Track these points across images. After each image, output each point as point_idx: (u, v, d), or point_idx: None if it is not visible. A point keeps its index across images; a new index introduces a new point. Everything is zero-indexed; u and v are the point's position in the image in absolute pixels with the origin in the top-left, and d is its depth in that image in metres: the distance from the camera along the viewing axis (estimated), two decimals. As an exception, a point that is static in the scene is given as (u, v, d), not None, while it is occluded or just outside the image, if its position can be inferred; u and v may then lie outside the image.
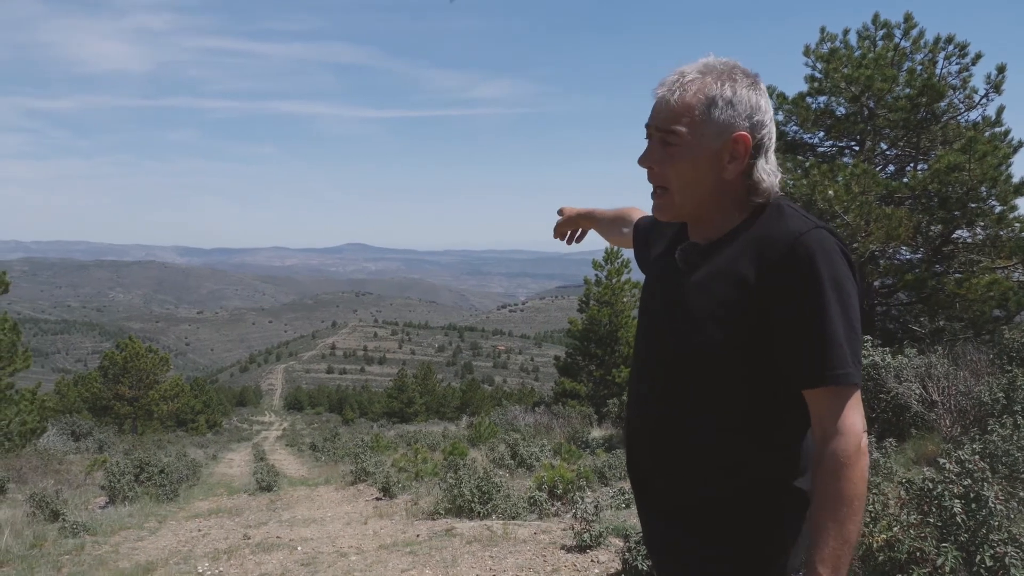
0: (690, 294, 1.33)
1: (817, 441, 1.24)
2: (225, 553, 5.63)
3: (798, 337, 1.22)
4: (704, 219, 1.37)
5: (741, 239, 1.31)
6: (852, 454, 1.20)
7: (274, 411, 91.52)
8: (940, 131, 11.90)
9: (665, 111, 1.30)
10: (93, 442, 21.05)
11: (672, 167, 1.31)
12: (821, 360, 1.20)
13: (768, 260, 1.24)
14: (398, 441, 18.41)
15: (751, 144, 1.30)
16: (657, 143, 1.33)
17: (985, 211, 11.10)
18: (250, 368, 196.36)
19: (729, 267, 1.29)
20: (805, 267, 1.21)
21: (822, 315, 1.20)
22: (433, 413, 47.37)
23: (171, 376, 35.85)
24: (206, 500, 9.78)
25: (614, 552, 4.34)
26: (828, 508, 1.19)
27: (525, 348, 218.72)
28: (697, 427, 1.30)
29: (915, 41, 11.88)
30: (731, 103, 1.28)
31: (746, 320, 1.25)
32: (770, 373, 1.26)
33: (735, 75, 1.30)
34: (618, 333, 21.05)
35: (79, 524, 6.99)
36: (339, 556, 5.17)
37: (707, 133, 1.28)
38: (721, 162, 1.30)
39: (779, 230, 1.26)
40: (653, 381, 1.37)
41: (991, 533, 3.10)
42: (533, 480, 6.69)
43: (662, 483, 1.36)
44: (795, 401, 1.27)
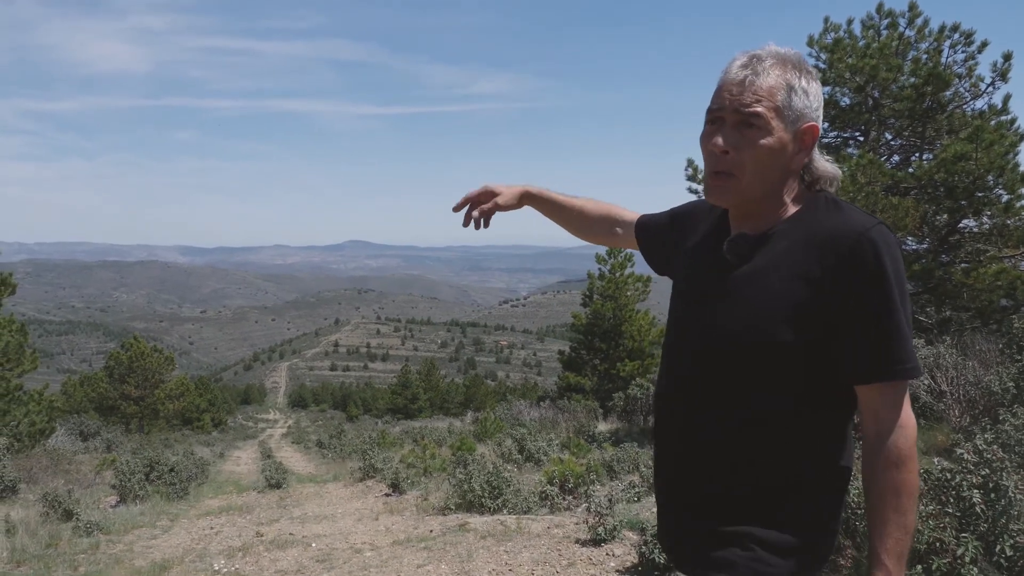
0: (745, 287, 1.30)
1: (871, 434, 1.25)
2: (240, 550, 5.65)
3: (865, 332, 1.22)
4: (759, 209, 1.34)
5: (797, 231, 1.30)
6: (911, 446, 1.23)
7: (278, 409, 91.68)
8: (945, 120, 11.86)
9: (747, 93, 1.26)
10: (101, 442, 21.10)
11: (750, 151, 1.26)
12: (889, 355, 1.22)
13: (833, 254, 1.23)
14: (404, 437, 18.44)
15: (818, 135, 1.30)
16: (731, 127, 1.28)
17: (992, 200, 11.06)
18: (254, 366, 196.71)
19: (787, 260, 1.28)
20: (873, 263, 1.21)
21: (890, 310, 1.21)
22: (437, 409, 47.44)
23: (176, 375, 35.95)
24: (216, 498, 9.81)
25: (629, 545, 4.34)
26: (889, 500, 1.21)
27: (527, 343, 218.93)
28: (749, 419, 1.28)
29: (920, 30, 11.82)
30: (807, 92, 1.28)
31: (808, 313, 1.24)
32: (825, 365, 1.25)
33: (806, 66, 1.30)
34: (622, 327, 21.04)
35: (93, 523, 7.02)
36: (354, 552, 5.18)
37: (786, 119, 1.26)
38: (791, 151, 1.29)
39: (842, 225, 1.25)
40: (699, 375, 1.34)
41: (1010, 523, 3.10)
42: (543, 474, 6.70)
43: (704, 478, 1.33)
44: (843, 394, 1.28)
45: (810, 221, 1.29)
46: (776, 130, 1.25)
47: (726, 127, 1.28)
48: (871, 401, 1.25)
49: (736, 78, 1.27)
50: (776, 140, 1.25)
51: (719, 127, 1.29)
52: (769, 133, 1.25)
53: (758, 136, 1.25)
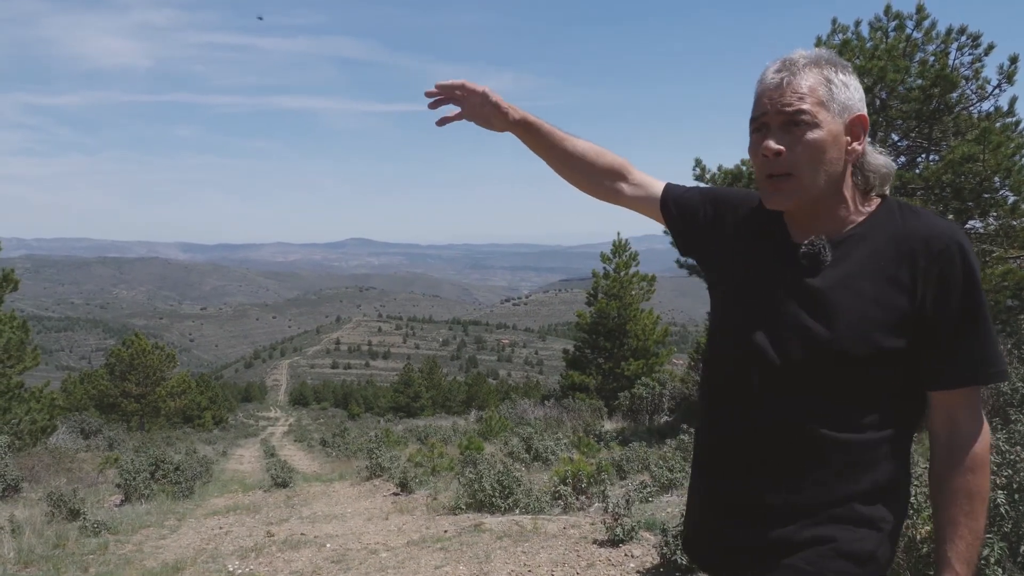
0: (836, 293, 1.27)
1: (945, 438, 1.26)
2: (253, 551, 5.64)
3: (960, 336, 1.23)
4: (824, 210, 1.32)
5: (878, 235, 1.29)
6: (987, 450, 1.24)
7: (279, 407, 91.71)
8: (952, 122, 11.84)
9: (787, 93, 1.27)
10: (103, 440, 21.12)
11: (803, 147, 1.26)
12: (982, 358, 1.23)
13: (924, 259, 1.24)
14: (408, 436, 18.46)
15: (868, 125, 1.30)
16: (778, 129, 1.28)
17: (998, 201, 11.05)
18: (254, 364, 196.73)
19: (874, 264, 1.27)
20: (963, 268, 1.22)
21: (982, 314, 1.23)
22: (439, 407, 47.47)
23: (177, 373, 35.97)
24: (222, 497, 9.80)
25: (649, 546, 4.34)
26: (962, 504, 1.22)
27: (529, 342, 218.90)
28: (840, 426, 1.26)
29: (927, 32, 11.79)
30: (847, 85, 1.29)
31: (904, 319, 1.23)
32: (910, 371, 1.26)
33: (841, 61, 1.31)
34: (627, 326, 21.03)
35: (100, 523, 7.00)
36: (369, 553, 5.18)
37: (833, 110, 1.27)
38: (844, 143, 1.29)
39: (929, 229, 1.26)
40: (788, 383, 1.29)
41: (1037, 524, 3.10)
42: (555, 474, 6.69)
43: (783, 486, 1.29)
44: (918, 398, 1.29)
45: (890, 224, 1.29)
46: (825, 122, 1.25)
47: (773, 130, 1.28)
48: (950, 405, 1.25)
49: (774, 82, 1.28)
50: (827, 132, 1.26)
51: (765, 133, 1.29)
52: (818, 126, 1.25)
53: (808, 131, 1.25)
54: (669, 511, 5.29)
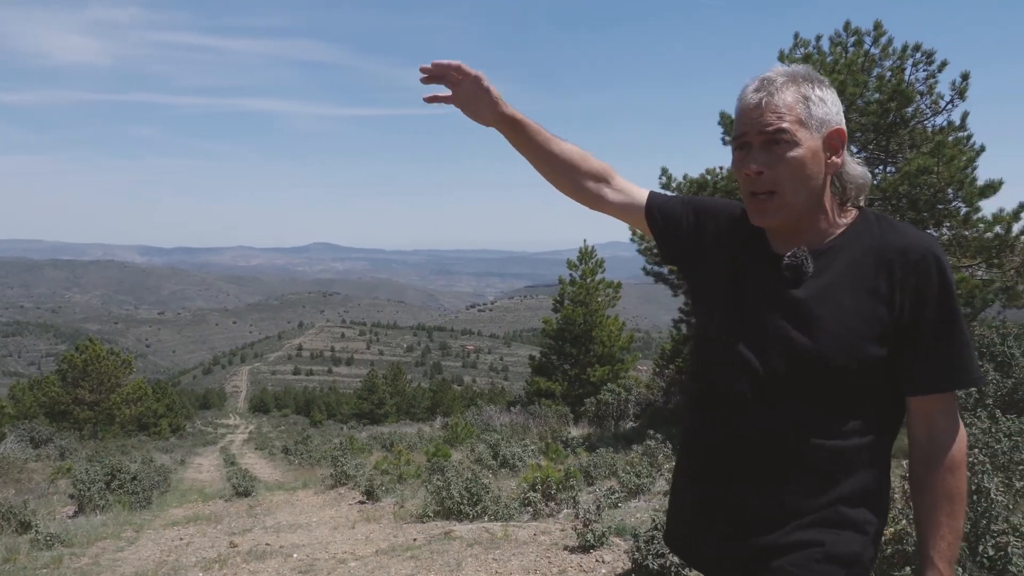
0: (817, 304, 1.30)
1: (924, 441, 1.30)
2: (216, 562, 5.52)
3: (937, 343, 1.27)
4: (807, 221, 1.36)
5: (856, 246, 1.33)
6: (964, 452, 1.29)
7: (239, 414, 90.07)
8: (908, 135, 12.19)
9: (766, 113, 1.30)
10: (54, 449, 20.48)
11: (784, 165, 1.29)
12: (959, 364, 1.28)
13: (901, 269, 1.28)
14: (372, 443, 18.27)
15: (846, 138, 1.34)
16: (759, 148, 1.31)
17: (952, 212, 11.41)
18: (214, 370, 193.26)
19: (853, 275, 1.30)
20: (939, 277, 1.27)
21: (958, 322, 1.27)
22: (404, 414, 47.10)
23: (133, 379, 35.12)
24: (181, 507, 9.59)
25: (620, 551, 4.37)
26: (943, 505, 1.26)
27: (494, 348, 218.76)
28: (824, 434, 1.29)
29: (884, 48, 12.14)
30: (824, 100, 1.32)
31: (884, 328, 1.27)
32: (890, 378, 1.30)
33: (818, 77, 1.35)
34: (592, 332, 21.16)
35: (53, 535, 6.77)
36: (337, 562, 5.11)
37: (811, 126, 1.30)
38: (824, 157, 1.32)
39: (906, 240, 1.30)
40: (772, 393, 1.31)
41: (992, 524, 3.20)
42: (523, 480, 6.69)
43: (769, 493, 1.31)
44: (897, 404, 1.33)
45: (867, 236, 1.33)
46: (804, 140, 1.29)
47: (754, 150, 1.32)
48: (928, 410, 1.30)
49: (753, 102, 1.32)
50: (807, 149, 1.29)
51: (747, 152, 1.33)
52: (798, 144, 1.29)
53: (788, 150, 1.29)
54: (638, 516, 5.33)
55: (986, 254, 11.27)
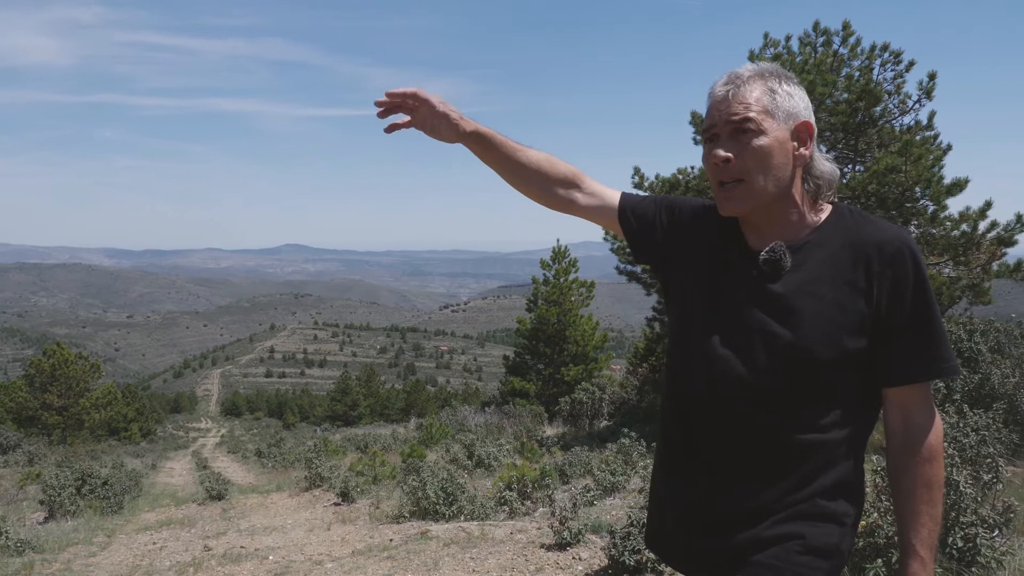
0: (797, 298, 1.32)
1: (900, 432, 1.32)
2: (191, 566, 5.45)
3: (914, 334, 1.29)
4: (777, 215, 1.37)
5: (833, 241, 1.34)
6: (941, 441, 1.31)
7: (211, 417, 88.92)
8: (876, 135, 12.39)
9: (733, 104, 1.33)
10: (22, 454, 20.13)
11: (750, 153, 1.31)
12: (935, 354, 1.30)
13: (877, 262, 1.30)
14: (346, 445, 18.15)
15: (814, 131, 1.35)
16: (727, 138, 1.34)
17: (919, 210, 11.61)
18: (184, 373, 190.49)
19: (831, 269, 1.32)
20: (914, 270, 1.29)
21: (933, 314, 1.30)
22: (378, 415, 46.85)
23: (102, 384, 34.56)
24: (153, 511, 9.46)
25: (596, 548, 4.39)
26: (922, 493, 1.29)
27: (468, 348, 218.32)
28: (804, 427, 1.30)
29: (852, 48, 12.32)
30: (791, 94, 1.35)
31: (862, 320, 1.29)
32: (868, 370, 1.32)
33: (785, 73, 1.37)
34: (566, 332, 21.22)
35: (23, 541, 6.67)
36: (313, 564, 5.07)
37: (777, 117, 1.32)
38: (791, 148, 1.34)
39: (881, 234, 1.32)
40: (753, 387, 1.32)
41: (960, 516, 3.26)
42: (500, 479, 6.69)
43: (750, 487, 1.32)
44: (874, 396, 1.35)
45: (843, 230, 1.35)
46: (771, 129, 1.31)
47: (722, 140, 1.34)
48: (905, 401, 1.32)
49: (721, 94, 1.34)
50: (773, 138, 1.31)
51: (716, 143, 1.35)
52: (764, 133, 1.31)
53: (754, 138, 1.31)
54: (614, 514, 5.35)
55: (953, 252, 11.49)
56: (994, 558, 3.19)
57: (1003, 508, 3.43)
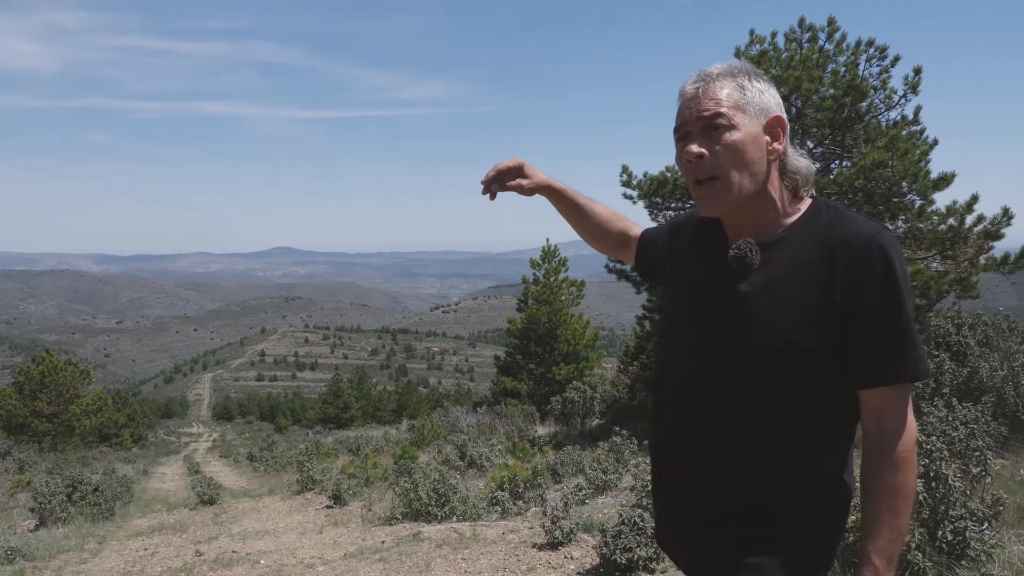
0: (760, 296, 1.30)
1: (873, 435, 1.27)
2: (182, 571, 5.42)
3: (879, 335, 1.24)
4: (753, 212, 1.35)
5: (803, 238, 1.32)
6: (911, 448, 1.24)
7: (202, 422, 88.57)
8: (863, 130, 12.43)
9: (704, 100, 1.31)
10: (13, 462, 19.98)
11: (723, 148, 1.30)
12: (902, 357, 1.24)
13: (844, 260, 1.26)
14: (338, 447, 18.10)
15: (787, 127, 1.34)
16: (699, 135, 1.32)
17: (906, 205, 11.66)
18: (175, 378, 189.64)
19: (798, 267, 1.29)
20: (883, 267, 1.24)
21: (902, 314, 1.24)
22: (370, 418, 46.71)
23: (92, 390, 34.33)
24: (145, 517, 9.41)
25: (587, 547, 4.38)
26: (885, 501, 1.23)
27: (459, 349, 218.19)
28: (765, 428, 1.28)
29: (838, 44, 12.36)
30: (761, 91, 1.34)
31: (824, 320, 1.25)
32: (838, 372, 1.27)
33: (755, 71, 1.36)
34: (557, 331, 21.22)
35: (14, 549, 6.63)
36: (305, 567, 5.05)
37: (749, 112, 1.31)
38: (764, 143, 1.32)
39: (850, 230, 1.28)
40: (718, 387, 1.32)
41: (950, 509, 3.27)
42: (492, 479, 6.69)
43: (714, 489, 1.33)
44: (852, 398, 1.30)
45: (816, 227, 1.32)
46: (742, 124, 1.30)
47: (694, 137, 1.33)
48: (877, 403, 1.26)
49: (691, 92, 1.34)
50: (745, 133, 1.30)
51: (688, 141, 1.34)
52: (736, 128, 1.29)
53: (726, 133, 1.29)
54: (606, 512, 5.35)
55: (940, 246, 11.54)
56: (983, 551, 3.20)
57: (992, 501, 3.44)
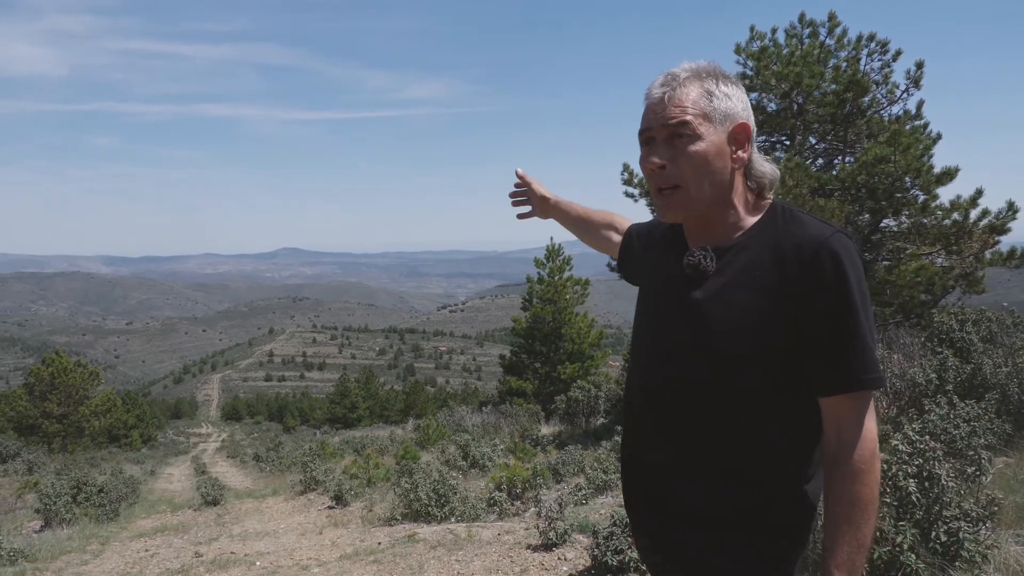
0: (709, 303, 1.30)
1: (832, 445, 1.24)
2: (179, 573, 5.43)
3: (828, 342, 1.21)
4: (714, 219, 1.34)
5: (758, 243, 1.30)
6: (870, 459, 1.21)
7: (211, 422, 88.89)
8: (865, 125, 12.35)
9: (669, 107, 1.29)
10: (22, 463, 20.10)
11: (686, 159, 1.28)
12: (854, 365, 1.20)
13: (795, 265, 1.23)
14: (344, 447, 18.13)
15: (752, 133, 1.32)
16: (663, 142, 1.31)
17: (909, 200, 11.57)
18: (184, 379, 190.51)
19: (750, 273, 1.28)
20: (833, 272, 1.21)
21: (853, 320, 1.20)
22: (377, 417, 46.78)
23: (102, 391, 34.51)
24: (149, 518, 9.44)
25: (581, 549, 4.36)
26: (843, 512, 1.20)
27: (467, 348, 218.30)
28: (721, 436, 1.27)
29: (839, 39, 12.29)
30: (728, 96, 1.31)
31: (773, 328, 1.23)
32: (794, 380, 1.24)
33: (724, 72, 1.33)
34: (562, 330, 21.17)
35: (16, 550, 6.66)
36: (300, 569, 5.05)
37: (714, 120, 1.29)
38: (729, 152, 1.30)
39: (801, 234, 1.25)
40: (669, 391, 1.32)
41: (944, 509, 3.24)
42: (491, 480, 6.67)
43: (675, 497, 1.32)
44: (813, 407, 1.26)
45: (770, 233, 1.30)
46: (707, 134, 1.28)
47: (658, 144, 1.31)
48: (834, 412, 1.23)
49: (657, 96, 1.31)
50: (708, 143, 1.28)
51: (652, 147, 1.32)
52: (700, 138, 1.28)
53: (690, 143, 1.28)
54: (603, 512, 5.33)
55: (944, 241, 11.45)
56: (978, 552, 3.16)
57: (987, 501, 3.41)
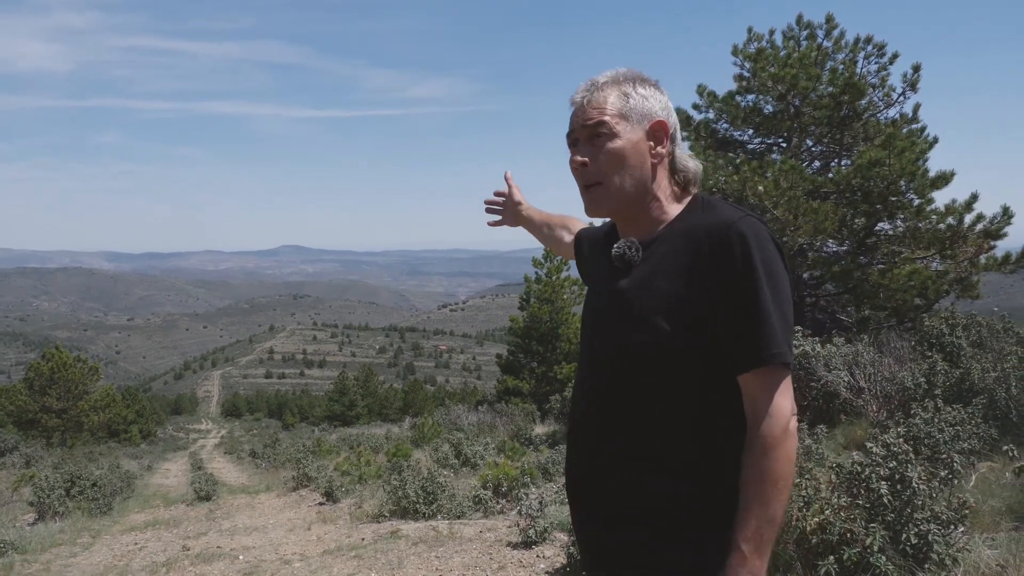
0: (632, 291, 1.36)
1: (749, 421, 1.27)
2: (164, 566, 5.47)
3: (735, 321, 1.25)
4: (638, 213, 1.41)
5: (677, 234, 1.36)
6: (779, 435, 1.23)
7: (211, 418, 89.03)
8: (861, 128, 12.36)
9: (588, 109, 1.39)
10: (19, 457, 20.15)
11: (605, 156, 1.37)
12: (755, 342, 1.24)
13: (704, 249, 1.29)
14: (340, 445, 18.17)
15: (670, 130, 1.40)
16: (585, 142, 1.40)
17: (904, 204, 11.59)
18: (185, 375, 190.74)
19: (669, 262, 1.33)
20: (739, 253, 1.25)
21: (757, 298, 1.24)
22: (375, 415, 46.81)
23: (101, 386, 34.60)
24: (142, 512, 9.49)
25: (559, 547, 4.39)
26: (754, 487, 1.22)
27: (467, 347, 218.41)
28: (648, 425, 1.30)
29: (836, 41, 12.30)
30: (646, 97, 1.40)
31: (691, 312, 1.28)
32: (716, 366, 1.28)
33: (642, 76, 1.42)
34: (559, 330, 21.22)
35: (7, 542, 6.72)
36: (282, 563, 5.09)
37: (632, 119, 1.38)
38: (647, 148, 1.39)
39: (711, 220, 1.32)
40: (602, 384, 1.37)
41: (915, 512, 3.26)
42: (478, 479, 6.70)
43: (607, 486, 1.34)
44: (738, 392, 1.29)
45: (688, 222, 1.37)
46: (624, 132, 1.37)
47: (581, 144, 1.41)
48: (748, 390, 1.27)
49: (578, 100, 1.42)
50: (626, 140, 1.37)
51: (577, 147, 1.42)
52: (617, 136, 1.37)
53: (607, 141, 1.37)
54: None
55: (939, 245, 11.44)
56: (948, 554, 3.18)
57: (958, 505, 3.43)
